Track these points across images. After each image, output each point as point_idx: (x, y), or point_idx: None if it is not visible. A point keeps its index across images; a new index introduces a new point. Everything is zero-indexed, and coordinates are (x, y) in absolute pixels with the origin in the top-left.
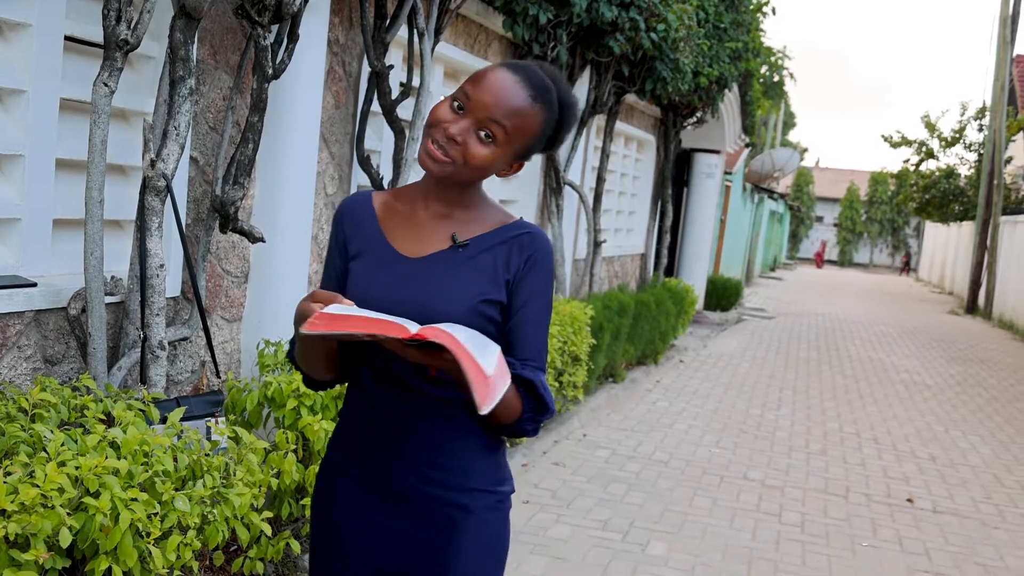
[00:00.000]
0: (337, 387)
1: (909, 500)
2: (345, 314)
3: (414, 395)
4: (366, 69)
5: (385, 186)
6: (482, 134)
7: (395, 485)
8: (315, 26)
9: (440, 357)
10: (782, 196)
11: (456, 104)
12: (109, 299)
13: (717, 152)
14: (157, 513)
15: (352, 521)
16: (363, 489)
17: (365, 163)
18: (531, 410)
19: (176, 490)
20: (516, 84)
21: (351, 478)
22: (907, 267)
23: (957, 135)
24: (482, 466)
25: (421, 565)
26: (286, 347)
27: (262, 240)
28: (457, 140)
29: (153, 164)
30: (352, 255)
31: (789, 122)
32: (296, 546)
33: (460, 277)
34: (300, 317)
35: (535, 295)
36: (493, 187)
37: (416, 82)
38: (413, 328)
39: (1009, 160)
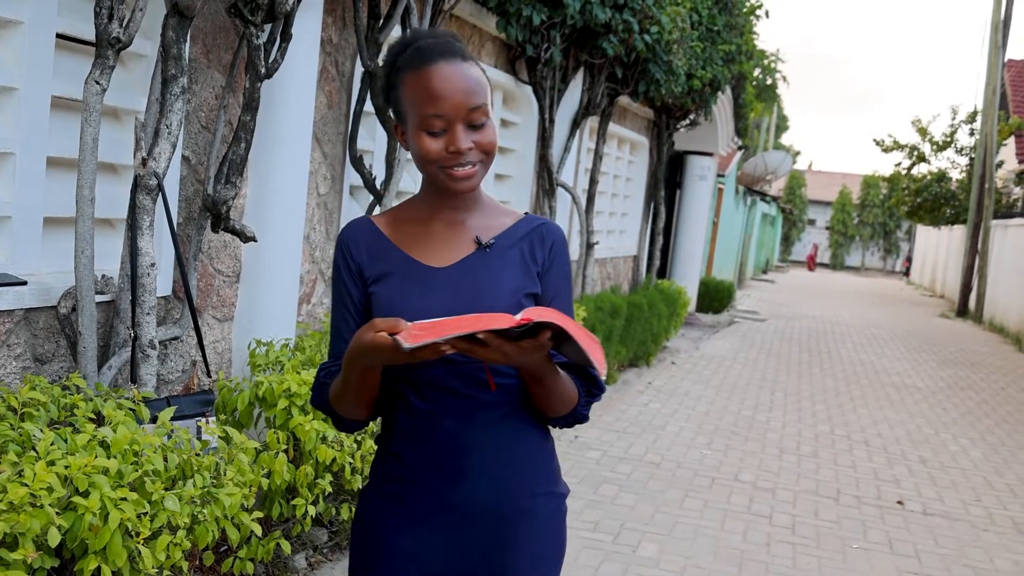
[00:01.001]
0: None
1: (899, 502)
2: (439, 320)
3: (468, 404)
4: (359, 69)
5: (377, 186)
6: (477, 124)
7: (455, 500)
8: (308, 25)
9: (533, 348)
10: (775, 199)
11: (434, 132)
12: (100, 298)
13: (710, 155)
14: (147, 513)
15: (403, 544)
16: (417, 511)
17: (358, 163)
18: (585, 393)
19: (166, 490)
20: (460, 65)
21: (401, 502)
22: (910, 271)
23: (948, 139)
24: (542, 469)
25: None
26: (277, 347)
27: (254, 240)
28: (470, 149)
29: (145, 163)
30: (373, 280)
31: (782, 125)
32: (286, 546)
33: (498, 275)
34: (371, 347)
35: (562, 283)
36: (485, 189)
37: None
38: (517, 316)
39: (1000, 164)
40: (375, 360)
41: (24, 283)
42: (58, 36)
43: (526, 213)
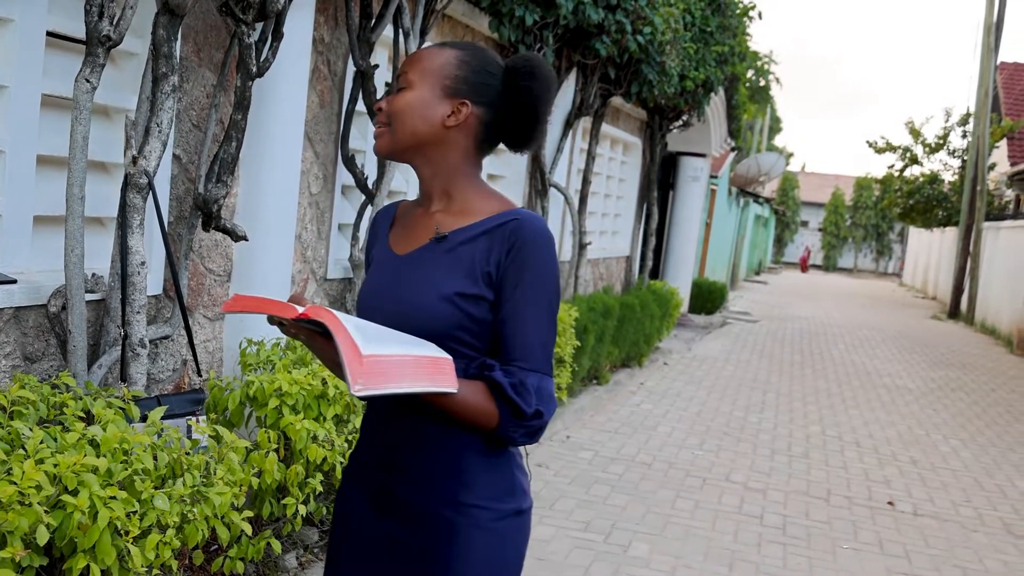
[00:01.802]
0: (319, 387)
1: (890, 503)
2: (256, 297)
3: (409, 406)
4: (351, 68)
5: (370, 185)
6: (399, 91)
7: (394, 497)
8: (300, 24)
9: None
10: (768, 200)
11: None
12: (90, 296)
13: (703, 156)
14: (136, 511)
15: (361, 529)
16: (369, 500)
17: (350, 162)
18: (509, 415)
19: (156, 488)
20: (423, 49)
21: (362, 487)
22: None
23: (941, 141)
24: (480, 479)
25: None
26: (268, 346)
27: (245, 239)
28: (381, 108)
29: (135, 161)
30: (370, 262)
31: (775, 127)
32: (277, 546)
33: (436, 271)
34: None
35: (523, 289)
36: None
37: None
38: (300, 310)
39: (992, 166)
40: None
41: (14, 281)
42: (48, 34)
43: (515, 207)
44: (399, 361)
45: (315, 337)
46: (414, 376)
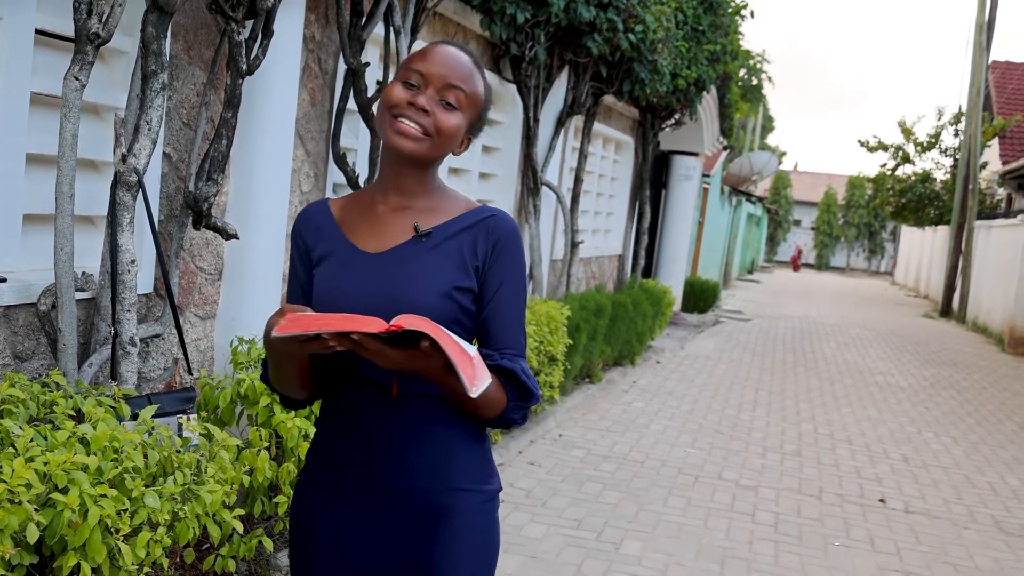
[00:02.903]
0: None
1: (881, 500)
2: (316, 315)
3: (391, 396)
4: (342, 66)
5: (361, 183)
6: (445, 102)
7: (378, 490)
8: (290, 22)
9: (418, 356)
10: (760, 199)
11: (408, 83)
12: (80, 295)
13: (695, 155)
14: (127, 510)
15: (333, 534)
16: (342, 500)
17: (341, 161)
18: (516, 399)
19: (146, 487)
20: (459, 53)
21: (329, 489)
22: None
23: (933, 140)
24: (466, 463)
25: (405, 569)
26: (259, 344)
27: (236, 237)
28: (427, 110)
29: (124, 159)
30: (316, 261)
31: (767, 126)
32: (269, 544)
33: (427, 267)
34: (267, 330)
35: (507, 281)
36: (469, 188)
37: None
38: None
39: (984, 165)
40: (268, 342)
41: (4, 280)
42: (37, 32)
43: (480, 203)
44: (481, 360)
45: (381, 352)
46: (486, 371)
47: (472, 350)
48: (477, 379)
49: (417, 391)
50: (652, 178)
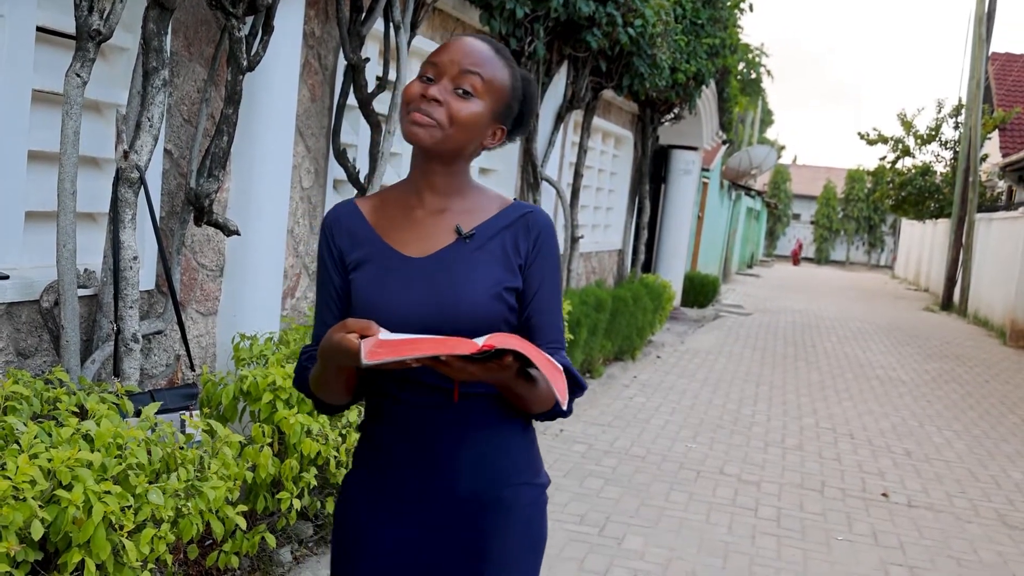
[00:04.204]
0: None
1: (884, 495)
2: (404, 339)
3: (446, 396)
4: (342, 62)
5: (361, 180)
6: (460, 91)
7: (431, 489)
8: (290, 18)
9: (498, 368)
10: (759, 193)
11: (425, 77)
12: (82, 292)
13: (695, 149)
14: (131, 506)
15: (384, 535)
16: (395, 499)
17: (341, 157)
18: (567, 390)
19: (150, 483)
20: (476, 41)
21: (381, 492)
22: None
23: (933, 132)
24: (520, 460)
25: (460, 567)
26: (261, 341)
27: (237, 233)
28: (439, 99)
29: (126, 155)
30: (352, 266)
31: (766, 119)
32: (271, 540)
33: (476, 268)
34: (338, 349)
35: (548, 276)
36: None
37: (392, 76)
38: (479, 341)
39: (984, 158)
40: (342, 361)
41: (6, 277)
42: (38, 29)
43: (515, 200)
44: (552, 369)
45: (463, 369)
46: (555, 377)
47: (556, 362)
48: (565, 391)
49: (477, 391)
50: (651, 173)
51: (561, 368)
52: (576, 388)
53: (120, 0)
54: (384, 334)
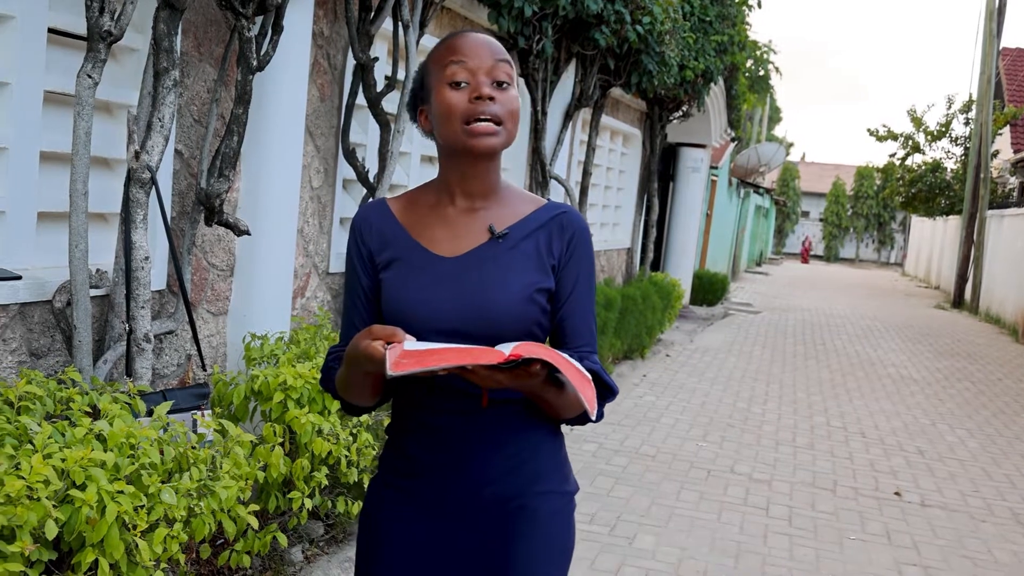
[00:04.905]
0: (317, 378)
1: (897, 494)
2: (429, 349)
3: (474, 403)
4: (351, 62)
5: (371, 179)
6: (501, 84)
7: (458, 495)
8: (299, 18)
9: (525, 376)
10: (768, 191)
11: (456, 83)
12: (94, 292)
13: (703, 146)
14: (143, 506)
15: (410, 538)
16: (420, 504)
17: (351, 156)
18: (598, 396)
19: (162, 483)
20: (483, 34)
21: (407, 494)
22: None
23: (943, 129)
24: (548, 467)
25: (484, 573)
26: (272, 340)
27: (247, 233)
28: (493, 97)
29: (138, 156)
30: (383, 266)
31: (775, 117)
32: (283, 539)
33: (509, 268)
34: (364, 357)
35: (581, 278)
36: None
37: (401, 75)
38: (506, 350)
39: (995, 154)
40: (368, 367)
41: (19, 278)
42: (49, 30)
43: (548, 200)
44: (580, 379)
45: (490, 377)
46: (583, 387)
47: (584, 370)
48: (595, 402)
49: (506, 397)
50: (660, 171)
51: (589, 376)
52: (607, 393)
53: (131, 1)
54: (410, 343)
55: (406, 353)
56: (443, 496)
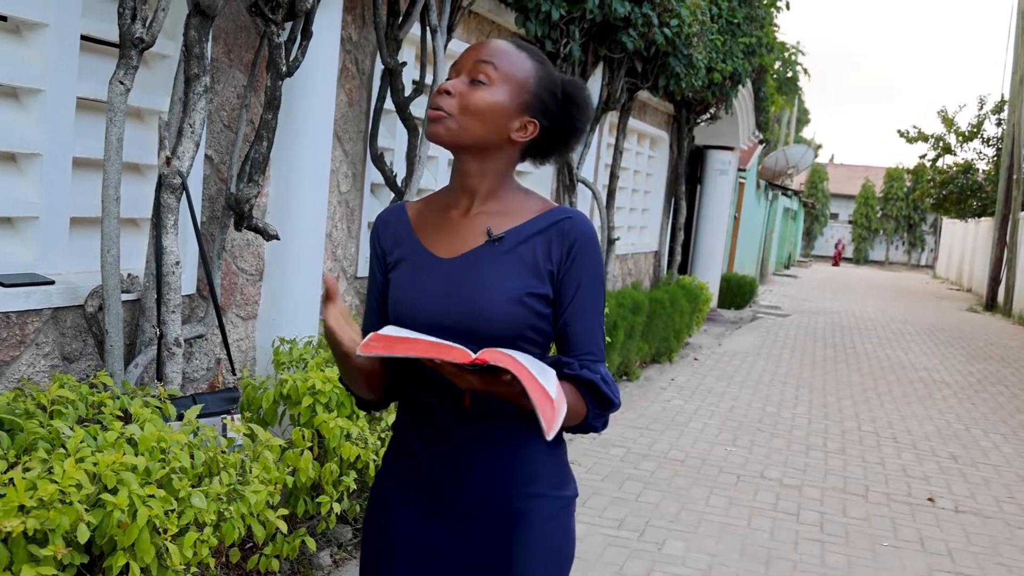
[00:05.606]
0: None
1: (930, 499)
2: (403, 336)
3: (473, 401)
4: (379, 66)
5: (399, 183)
6: (473, 81)
7: (453, 493)
8: (328, 24)
9: (497, 383)
10: (796, 193)
11: (447, 80)
12: (125, 297)
13: (731, 149)
14: (174, 510)
15: (406, 534)
16: (418, 501)
17: (379, 161)
18: (596, 407)
19: (193, 487)
20: (501, 40)
21: (406, 488)
22: None
23: (975, 129)
24: (542, 468)
25: (480, 572)
26: (300, 344)
27: (276, 238)
28: (450, 92)
29: (169, 161)
30: (391, 266)
31: (803, 118)
32: (311, 544)
33: (500, 272)
34: (328, 337)
35: (584, 285)
36: None
37: (429, 79)
38: (474, 353)
39: None
40: (333, 346)
41: (52, 283)
42: (82, 38)
43: (557, 204)
44: (561, 394)
45: (462, 376)
46: (564, 404)
47: (553, 387)
48: (555, 421)
49: (490, 400)
50: (687, 173)
51: (554, 398)
52: (607, 404)
53: (162, 8)
54: (389, 329)
55: (378, 336)
56: (439, 491)
